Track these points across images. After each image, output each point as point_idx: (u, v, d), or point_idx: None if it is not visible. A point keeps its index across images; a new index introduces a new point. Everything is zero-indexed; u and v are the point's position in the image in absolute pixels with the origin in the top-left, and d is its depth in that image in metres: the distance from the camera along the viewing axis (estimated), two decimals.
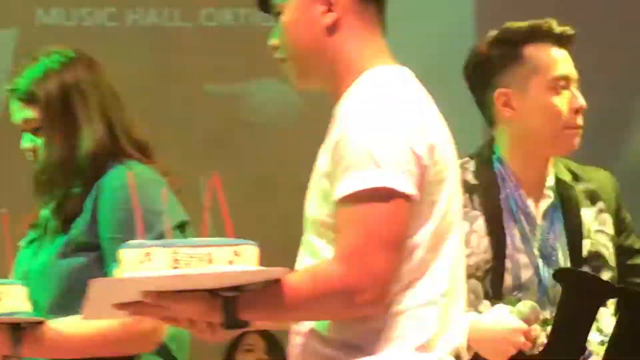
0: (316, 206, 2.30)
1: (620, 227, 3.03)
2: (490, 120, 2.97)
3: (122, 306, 2.16)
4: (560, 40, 2.93)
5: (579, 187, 3.01)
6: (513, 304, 2.83)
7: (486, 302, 2.87)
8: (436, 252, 2.24)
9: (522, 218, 2.96)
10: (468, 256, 2.75)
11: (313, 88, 2.47)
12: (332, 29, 2.37)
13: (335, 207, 2.20)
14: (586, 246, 2.96)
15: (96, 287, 2.10)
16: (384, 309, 2.21)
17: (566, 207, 2.99)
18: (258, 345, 5.81)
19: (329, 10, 2.35)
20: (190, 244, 2.14)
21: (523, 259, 2.93)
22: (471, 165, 2.98)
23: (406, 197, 2.17)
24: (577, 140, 2.91)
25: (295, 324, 2.38)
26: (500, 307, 2.81)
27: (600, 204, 3.00)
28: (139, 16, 6.30)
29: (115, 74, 4.81)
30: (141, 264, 2.07)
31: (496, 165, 3.00)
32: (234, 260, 2.12)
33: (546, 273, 2.93)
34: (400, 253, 2.19)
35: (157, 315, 2.27)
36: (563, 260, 2.95)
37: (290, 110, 6.06)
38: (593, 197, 3.01)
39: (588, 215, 2.98)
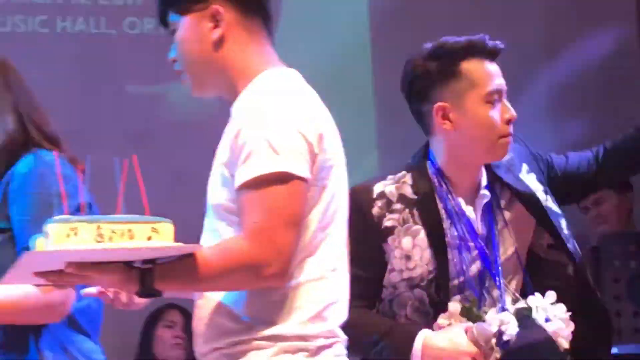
0: (217, 192, 2.45)
1: (553, 174, 3.06)
2: (427, 130, 2.98)
3: (45, 274, 2.27)
4: (492, 55, 2.95)
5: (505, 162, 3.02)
6: (467, 308, 2.84)
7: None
8: (325, 232, 2.42)
9: (462, 223, 2.96)
10: (412, 269, 2.88)
11: (210, 95, 2.66)
12: (219, 43, 2.54)
13: (237, 191, 2.34)
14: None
15: (26, 258, 2.22)
16: (285, 282, 2.38)
17: (499, 192, 3.02)
18: (178, 322, 5.79)
19: (216, 27, 2.53)
20: (112, 220, 2.21)
21: (466, 258, 2.95)
22: (408, 178, 2.97)
23: (302, 179, 2.33)
24: (508, 148, 2.95)
25: (199, 299, 2.53)
26: (455, 327, 2.82)
27: (525, 162, 3.04)
28: (68, 24, 6.33)
29: (45, 76, 5.01)
30: (68, 237, 2.16)
31: (432, 173, 3.00)
32: (153, 236, 2.22)
33: (489, 268, 2.95)
34: (299, 230, 2.35)
35: (78, 283, 2.40)
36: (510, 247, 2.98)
37: (207, 109, 5.85)
38: (526, 158, 3.05)
39: (529, 178, 3.02)
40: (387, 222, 2.90)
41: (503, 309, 2.81)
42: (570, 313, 2.80)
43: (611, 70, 6.50)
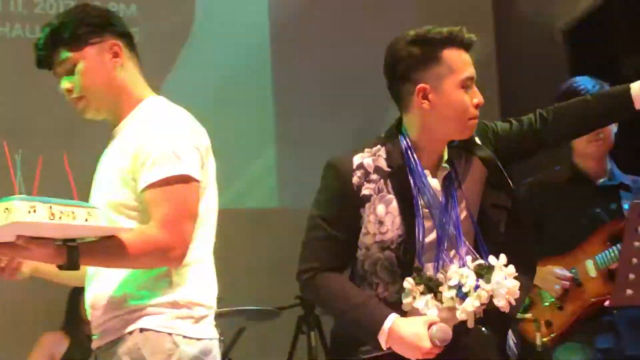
0: (117, 192, 2.66)
1: (494, 135, 3.05)
2: (403, 108, 2.94)
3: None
4: (468, 46, 2.95)
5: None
6: (419, 277, 2.83)
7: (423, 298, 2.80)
8: (204, 223, 2.69)
9: (427, 192, 2.92)
10: (384, 233, 2.86)
11: (98, 118, 2.80)
12: (119, 71, 2.76)
13: (145, 190, 2.58)
14: (479, 183, 2.98)
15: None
16: (182, 263, 2.63)
17: (460, 166, 3.01)
18: None
19: (116, 57, 2.75)
20: (61, 203, 2.37)
21: (428, 224, 2.91)
22: (383, 152, 2.95)
23: (197, 181, 2.63)
24: (475, 128, 2.95)
25: (95, 280, 2.72)
26: (420, 321, 2.77)
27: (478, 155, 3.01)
28: (7, 29, 6.19)
29: None
30: (28, 213, 2.29)
31: (404, 147, 2.96)
32: (88, 218, 2.40)
33: (449, 228, 2.94)
34: (195, 222, 2.64)
35: (19, 255, 2.54)
36: (465, 209, 2.96)
37: None
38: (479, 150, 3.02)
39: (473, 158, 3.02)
40: (365, 191, 2.91)
41: (464, 266, 2.84)
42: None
43: None
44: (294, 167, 5.89)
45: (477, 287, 2.76)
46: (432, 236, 2.88)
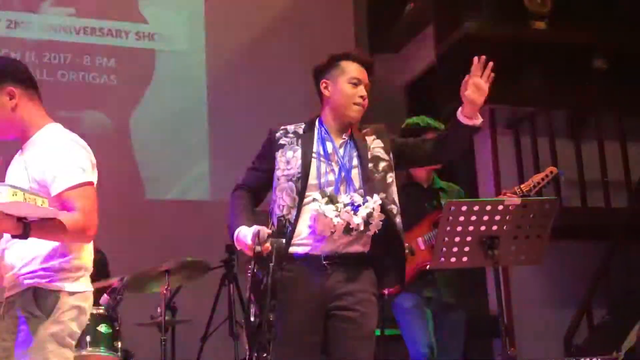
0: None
1: (393, 142, 3.00)
2: (321, 100, 3.00)
3: None
4: (362, 62, 2.98)
5: (365, 130, 3.01)
6: (331, 195, 2.80)
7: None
8: None
9: (330, 149, 2.93)
10: (289, 169, 2.88)
11: (8, 139, 2.68)
12: (14, 109, 2.62)
13: (64, 191, 2.51)
14: (370, 154, 2.94)
15: None
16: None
17: (357, 139, 2.98)
18: None
19: (12, 99, 2.61)
20: (29, 192, 2.38)
21: (327, 168, 2.90)
22: (303, 125, 3.00)
23: (93, 185, 2.62)
24: (360, 112, 2.96)
25: (8, 250, 2.61)
26: (248, 228, 2.73)
27: (374, 135, 3.00)
28: None
29: None
30: (14, 196, 2.30)
31: (318, 123, 2.99)
32: (42, 204, 2.40)
33: (347, 175, 2.90)
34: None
35: None
36: (361, 163, 2.92)
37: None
38: (372, 132, 3.01)
39: (369, 139, 2.99)
40: (281, 141, 2.98)
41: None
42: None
43: None
44: (224, 172, 5.66)
45: (364, 203, 2.78)
46: (330, 176, 2.88)
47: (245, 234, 2.74)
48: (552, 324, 5.11)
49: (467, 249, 3.14)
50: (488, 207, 3.10)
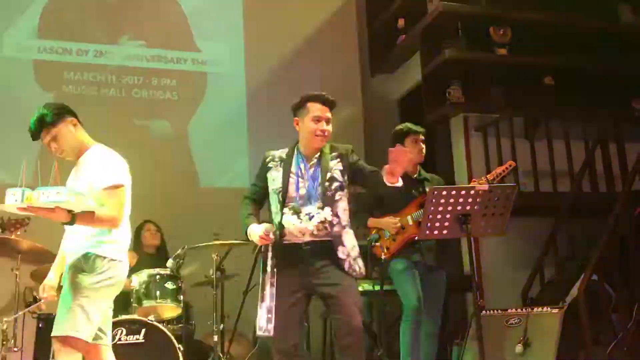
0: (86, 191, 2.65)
1: (352, 166, 2.98)
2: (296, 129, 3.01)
3: (40, 211, 2.45)
4: (324, 102, 2.98)
5: (331, 154, 3.01)
6: (296, 209, 2.89)
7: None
8: (125, 208, 2.75)
9: (303, 169, 2.95)
10: (275, 185, 2.95)
11: (68, 158, 2.79)
12: (77, 135, 2.78)
13: (102, 190, 2.63)
14: (329, 174, 2.93)
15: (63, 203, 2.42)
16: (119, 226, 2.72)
17: (322, 162, 2.97)
18: None
19: (75, 125, 2.78)
20: (73, 191, 2.48)
21: (301, 184, 2.94)
22: (286, 151, 3.03)
23: (124, 186, 2.72)
24: (322, 141, 2.97)
25: (74, 234, 2.71)
26: (258, 225, 2.87)
27: (338, 159, 2.98)
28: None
29: None
30: (58, 195, 2.42)
31: (297, 149, 3.02)
32: (84, 199, 2.53)
33: (312, 189, 2.91)
34: (125, 209, 2.73)
35: (52, 215, 2.48)
36: (320, 182, 2.92)
37: None
38: (336, 156, 2.99)
39: (332, 163, 2.97)
40: (270, 165, 3.03)
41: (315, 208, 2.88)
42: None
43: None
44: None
45: (317, 214, 2.86)
46: (302, 190, 2.93)
47: (254, 229, 2.86)
48: (512, 281, 5.07)
49: (446, 224, 3.17)
50: (462, 192, 3.13)
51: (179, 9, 5.89)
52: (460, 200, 3.12)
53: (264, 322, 2.77)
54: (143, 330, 3.59)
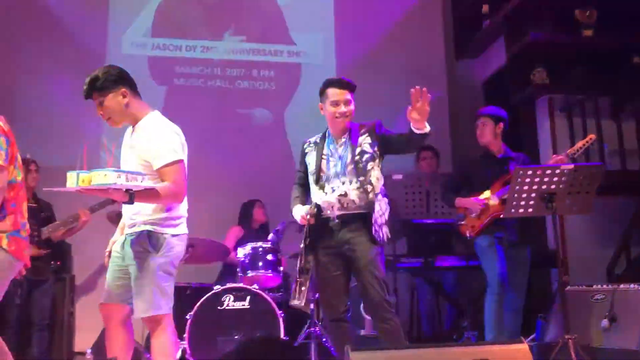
0: (135, 167, 2.49)
1: (380, 137, 2.94)
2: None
3: (97, 191, 2.32)
4: (341, 85, 2.92)
5: (360, 130, 2.96)
6: (322, 185, 2.92)
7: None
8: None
9: (332, 150, 2.95)
10: (311, 167, 2.98)
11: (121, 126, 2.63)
12: (127, 105, 2.58)
13: (162, 167, 2.46)
14: (359, 149, 2.92)
15: (114, 186, 2.25)
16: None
17: (351, 140, 2.94)
18: None
19: (124, 97, 2.57)
20: (130, 173, 2.33)
21: (332, 163, 2.94)
22: (317, 137, 3.04)
23: (183, 161, 2.53)
24: (343, 122, 2.93)
25: (133, 207, 2.53)
26: (301, 207, 2.95)
27: (367, 134, 2.95)
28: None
29: None
30: (118, 178, 2.26)
31: (327, 134, 3.02)
32: (142, 181, 2.37)
33: (339, 167, 2.92)
34: (186, 182, 2.52)
35: (109, 195, 2.35)
36: (350, 159, 2.92)
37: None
38: (365, 132, 2.95)
39: (361, 138, 2.94)
40: (306, 150, 3.06)
41: (344, 183, 2.90)
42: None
43: None
44: None
45: (339, 187, 2.88)
46: (332, 169, 2.93)
47: (297, 211, 2.93)
48: (596, 259, 4.87)
49: (531, 202, 3.12)
50: (548, 171, 3.05)
51: (275, 4, 5.95)
52: (546, 179, 3.05)
53: (296, 294, 2.83)
54: (248, 297, 3.72)
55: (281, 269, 4.16)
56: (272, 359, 3.09)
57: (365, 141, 2.95)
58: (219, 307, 3.70)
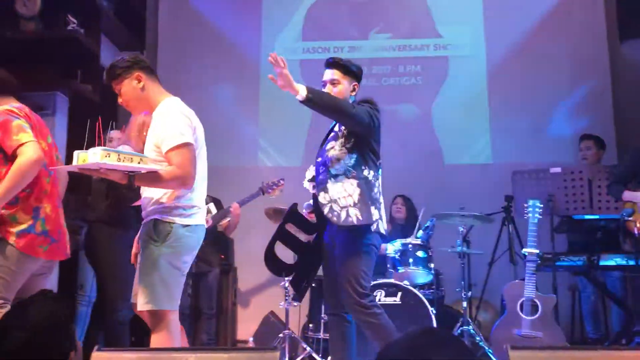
0: (152, 153, 2.40)
1: None
2: None
3: (89, 170, 2.23)
4: (327, 65, 2.80)
5: None
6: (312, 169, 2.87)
7: None
8: (197, 167, 2.40)
9: (321, 147, 2.86)
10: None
11: (140, 113, 2.58)
12: (142, 89, 2.48)
13: (168, 151, 2.33)
14: (335, 130, 2.85)
15: (92, 162, 2.13)
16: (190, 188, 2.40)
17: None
18: None
19: (139, 82, 2.48)
20: (125, 153, 2.21)
21: (320, 155, 2.83)
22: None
23: (192, 145, 2.37)
24: None
25: (147, 191, 2.45)
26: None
27: None
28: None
29: None
30: (106, 157, 2.13)
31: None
32: (140, 162, 2.25)
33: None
34: (195, 165, 2.38)
35: (101, 175, 2.23)
36: (323, 141, 2.88)
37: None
38: None
39: None
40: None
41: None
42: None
43: None
44: (503, 140, 5.58)
45: None
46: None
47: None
48: None
49: None
50: None
51: None
52: None
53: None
54: (399, 293, 3.74)
55: (432, 265, 4.13)
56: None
57: None
58: None
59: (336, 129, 2.76)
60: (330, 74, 2.79)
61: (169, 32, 5.87)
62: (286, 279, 3.58)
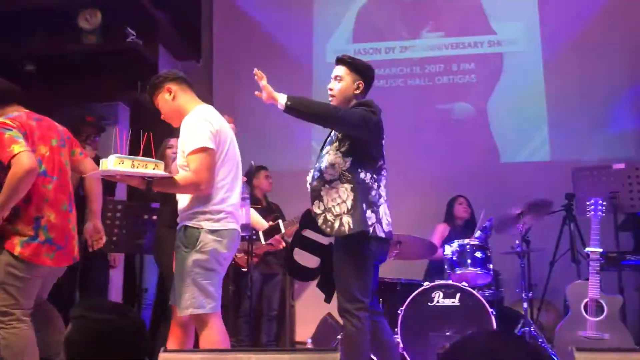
0: (181, 159, 2.48)
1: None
2: None
3: (108, 176, 2.35)
4: (335, 61, 2.78)
5: None
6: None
7: None
8: (219, 172, 2.46)
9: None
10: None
11: (176, 124, 2.57)
12: (174, 100, 2.56)
13: (188, 155, 2.40)
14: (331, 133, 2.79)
15: (109, 170, 2.23)
16: (208, 192, 2.43)
17: None
18: None
19: (170, 93, 2.56)
20: (139, 159, 2.27)
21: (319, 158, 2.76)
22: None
23: (212, 150, 2.42)
24: (331, 101, 2.73)
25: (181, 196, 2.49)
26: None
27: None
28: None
29: None
30: (120, 164, 2.21)
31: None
32: (155, 168, 2.31)
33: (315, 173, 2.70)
34: (214, 170, 2.42)
35: (118, 180, 2.36)
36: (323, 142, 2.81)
37: None
38: None
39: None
40: None
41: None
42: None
43: None
44: (560, 138, 5.44)
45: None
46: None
47: None
48: None
49: None
50: None
51: None
52: None
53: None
54: (458, 295, 3.70)
55: (490, 266, 4.07)
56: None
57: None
58: (429, 303, 3.73)
59: (332, 133, 2.74)
60: (336, 70, 2.78)
61: (223, 40, 6.00)
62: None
